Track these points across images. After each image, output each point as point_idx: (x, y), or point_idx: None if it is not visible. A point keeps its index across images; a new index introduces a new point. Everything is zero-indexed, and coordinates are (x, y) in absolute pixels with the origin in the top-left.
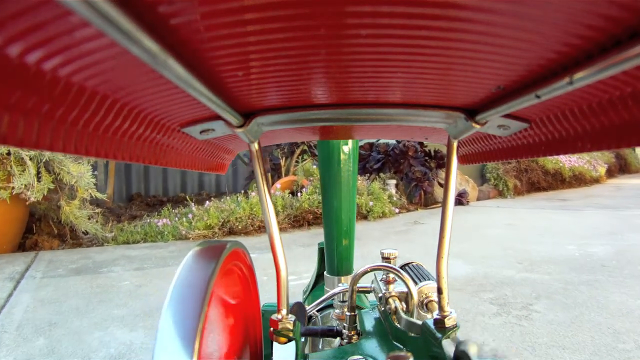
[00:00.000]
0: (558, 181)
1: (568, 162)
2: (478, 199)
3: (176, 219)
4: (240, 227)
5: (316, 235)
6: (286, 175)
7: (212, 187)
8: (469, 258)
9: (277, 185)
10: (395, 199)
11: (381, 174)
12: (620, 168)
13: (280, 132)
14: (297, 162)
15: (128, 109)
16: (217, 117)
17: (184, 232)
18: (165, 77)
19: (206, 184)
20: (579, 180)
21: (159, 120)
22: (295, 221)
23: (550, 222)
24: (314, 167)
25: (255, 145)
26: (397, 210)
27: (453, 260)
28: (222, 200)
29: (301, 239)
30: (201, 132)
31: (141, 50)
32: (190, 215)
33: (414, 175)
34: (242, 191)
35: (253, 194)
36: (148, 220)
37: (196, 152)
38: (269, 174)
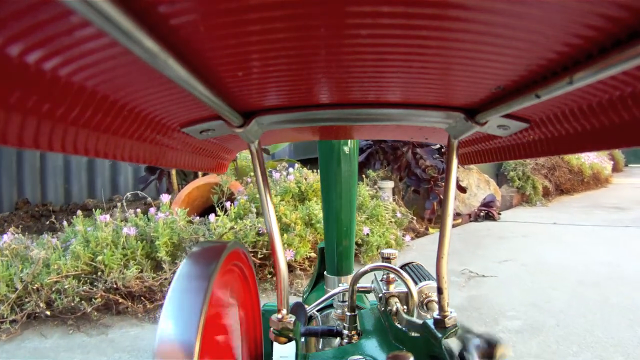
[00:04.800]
0: (578, 181)
1: (587, 158)
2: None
3: None
4: (61, 305)
5: None
6: (205, 175)
7: (130, 188)
8: None
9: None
10: (399, 214)
11: (369, 171)
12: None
13: (280, 132)
14: None
15: (128, 109)
16: (217, 117)
17: None
18: (166, 77)
19: (121, 186)
20: (595, 179)
21: (159, 120)
22: None
23: None
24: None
25: (255, 145)
26: (408, 238)
27: None
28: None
29: None
30: (201, 132)
31: (141, 50)
32: None
33: (424, 173)
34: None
35: (103, 217)
36: None
37: (196, 152)
38: (178, 178)
